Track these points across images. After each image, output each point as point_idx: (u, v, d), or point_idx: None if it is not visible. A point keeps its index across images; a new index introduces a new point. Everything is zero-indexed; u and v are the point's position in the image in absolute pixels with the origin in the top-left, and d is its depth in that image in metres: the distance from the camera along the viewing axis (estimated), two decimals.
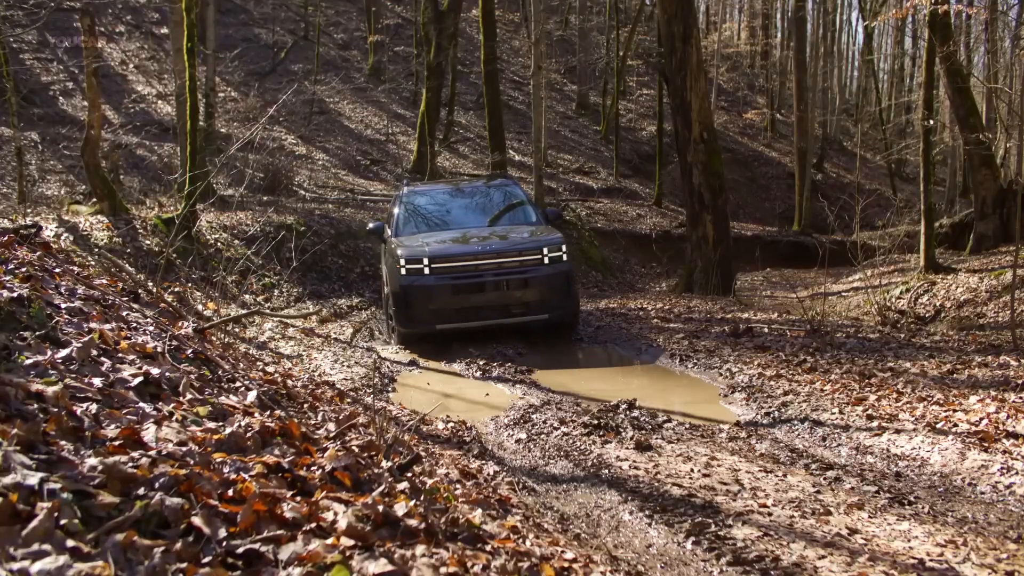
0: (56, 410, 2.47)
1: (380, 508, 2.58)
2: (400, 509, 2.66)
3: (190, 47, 11.63)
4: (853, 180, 29.10)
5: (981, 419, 5.78)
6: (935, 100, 19.61)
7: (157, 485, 2.23)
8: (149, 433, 2.63)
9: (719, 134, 20.65)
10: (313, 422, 4.05)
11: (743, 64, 43.49)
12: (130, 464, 2.29)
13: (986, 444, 5.33)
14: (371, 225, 11.31)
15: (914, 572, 3.31)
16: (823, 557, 3.48)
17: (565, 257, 9.72)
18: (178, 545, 2.00)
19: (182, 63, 12.43)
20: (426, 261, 9.41)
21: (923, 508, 4.38)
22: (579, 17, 33.77)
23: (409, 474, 3.40)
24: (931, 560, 3.47)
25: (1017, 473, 4.85)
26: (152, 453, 2.43)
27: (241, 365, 5.03)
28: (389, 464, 3.38)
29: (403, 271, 9.40)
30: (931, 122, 15.31)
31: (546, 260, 9.52)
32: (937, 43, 14.53)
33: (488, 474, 4.52)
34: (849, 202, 18.68)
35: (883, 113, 34.17)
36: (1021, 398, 6.25)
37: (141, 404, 2.91)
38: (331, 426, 3.95)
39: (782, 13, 41.24)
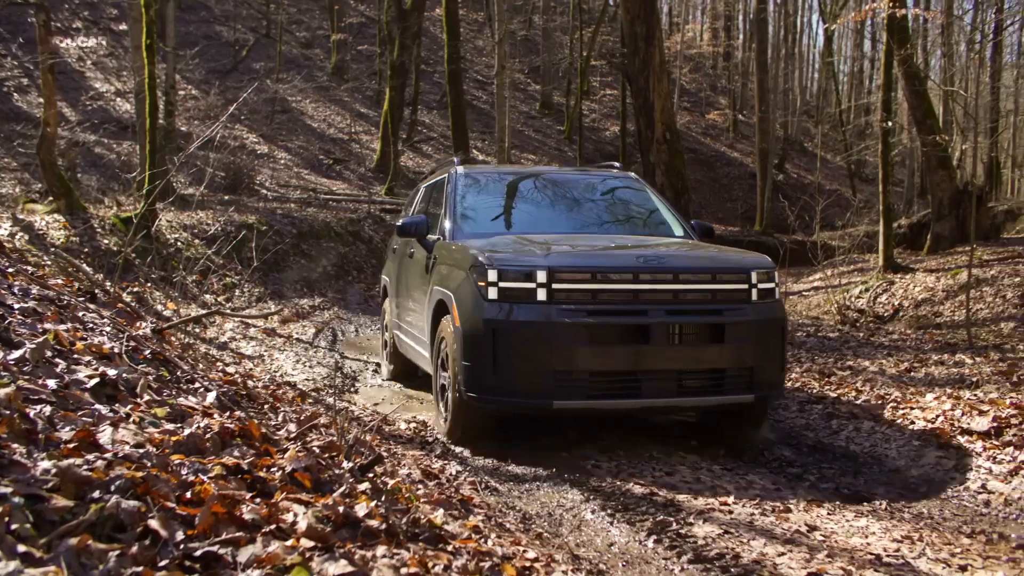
0: (8, 412, 2.42)
1: (341, 509, 2.57)
2: (361, 510, 2.65)
3: (149, 44, 11.47)
4: (814, 181, 29.42)
5: (937, 416, 5.87)
6: (893, 102, 19.85)
7: (113, 488, 2.19)
8: (105, 435, 2.59)
9: (682, 134, 20.80)
10: (274, 423, 4.02)
11: (706, 65, 43.80)
12: (85, 467, 2.25)
13: (942, 441, 5.42)
14: (404, 220, 6.79)
15: (871, 568, 3.35)
16: (783, 554, 3.52)
17: (778, 294, 5.75)
18: (134, 548, 1.98)
19: (141, 60, 12.27)
20: (542, 278, 5.10)
21: (880, 505, 4.44)
22: (543, 17, 33.81)
23: (371, 475, 3.38)
24: (888, 556, 3.52)
25: (971, 469, 4.93)
26: (108, 455, 2.40)
27: (201, 366, 4.97)
28: (350, 465, 3.35)
29: (490, 293, 5.17)
30: (889, 124, 15.51)
31: (754, 295, 5.45)
32: (895, 46, 14.74)
33: (450, 474, 4.52)
34: (810, 202, 18.91)
35: (843, 115, 34.58)
36: (976, 396, 6.35)
37: (97, 406, 2.86)
38: (292, 427, 3.91)
39: (744, 15, 41.64)
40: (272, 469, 2.87)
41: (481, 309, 5.17)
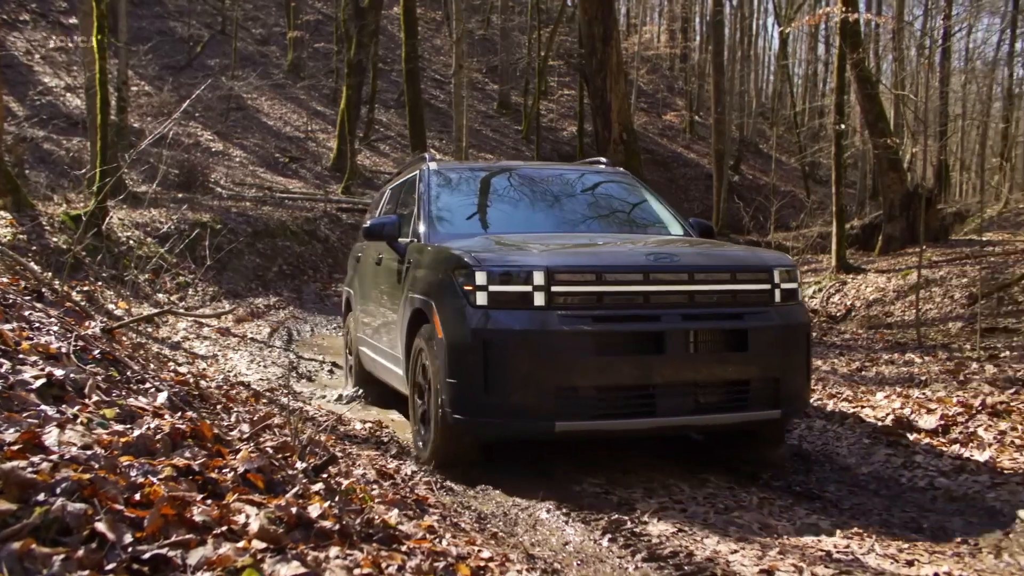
0: None
1: (294, 510, 2.54)
2: (314, 510, 2.63)
3: (100, 39, 11.27)
4: (769, 182, 29.78)
5: (887, 415, 5.97)
6: (846, 105, 20.18)
7: (58, 490, 2.15)
8: (51, 437, 2.54)
9: (639, 135, 20.95)
10: (226, 423, 3.97)
11: (663, 66, 44.13)
12: (30, 469, 2.20)
13: (891, 439, 5.51)
14: (371, 222, 6.07)
15: (821, 564, 3.40)
16: (735, 552, 3.55)
17: (800, 295, 5.34)
18: (80, 552, 1.94)
19: (92, 55, 12.05)
20: (540, 279, 4.48)
21: (831, 502, 4.51)
22: (501, 17, 33.84)
23: (325, 475, 3.36)
24: (838, 552, 3.57)
25: (919, 467, 5.03)
26: (54, 457, 2.35)
27: (152, 366, 4.90)
28: (304, 465, 3.33)
29: (478, 299, 4.54)
30: (842, 126, 15.75)
31: (777, 296, 4.88)
32: (848, 50, 14.96)
33: (406, 474, 4.50)
34: (764, 203, 19.15)
35: (797, 117, 35.03)
36: (924, 394, 6.47)
37: (43, 407, 2.81)
38: (245, 427, 3.87)
39: (701, 17, 42.01)
40: (224, 470, 2.84)
41: (468, 318, 4.50)
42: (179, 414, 3.42)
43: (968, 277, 11.95)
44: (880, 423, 5.85)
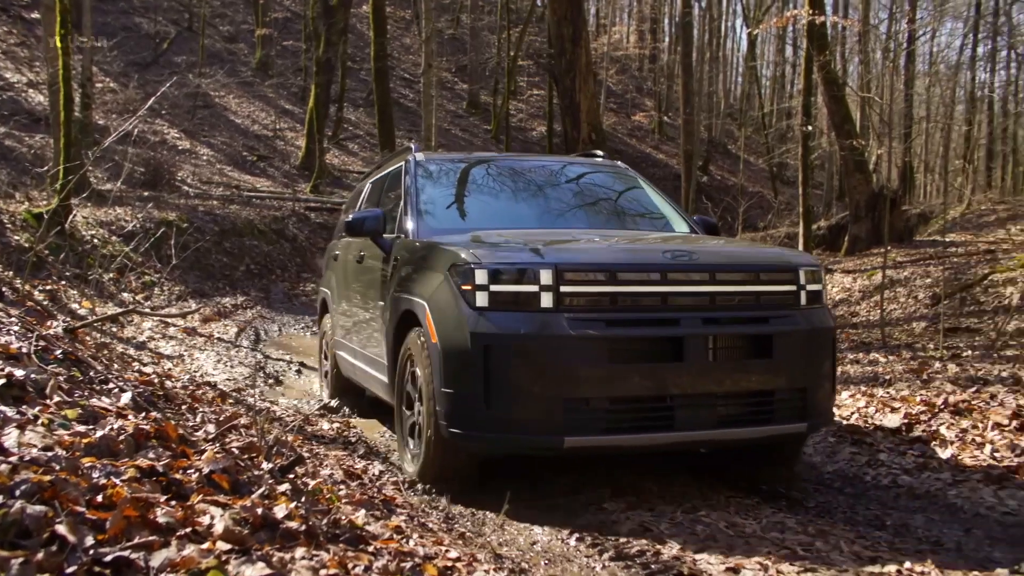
0: None
1: (259, 511, 2.53)
2: (280, 511, 2.61)
3: (63, 33, 11.12)
4: (737, 182, 30.02)
5: (852, 413, 6.04)
6: (813, 107, 20.37)
7: (18, 492, 2.12)
8: (10, 438, 2.50)
9: (608, 135, 21.03)
10: (192, 424, 3.93)
11: (632, 67, 44.31)
12: None
13: (856, 437, 5.57)
14: (354, 216, 5.57)
15: (787, 561, 3.43)
16: (702, 550, 3.57)
17: (826, 298, 4.93)
18: (39, 555, 1.91)
19: (55, 50, 11.87)
20: (547, 278, 4.10)
21: (797, 500, 4.55)
22: (470, 16, 33.81)
23: (291, 475, 3.34)
24: (803, 549, 3.60)
25: (883, 464, 5.09)
26: (13, 459, 2.32)
27: (116, 366, 4.84)
28: (270, 466, 3.30)
29: (478, 300, 4.15)
30: (809, 128, 15.91)
31: (803, 298, 4.54)
32: (815, 52, 15.13)
33: (373, 474, 4.48)
34: (733, 204, 19.31)
35: (765, 118, 35.33)
36: (888, 393, 6.55)
37: (2, 408, 2.77)
38: (211, 428, 3.84)
39: (670, 18, 42.26)
40: (189, 471, 2.81)
41: (467, 320, 4.09)
42: (143, 414, 3.39)
43: (932, 277, 12.11)
44: (845, 422, 5.91)
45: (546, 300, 4.06)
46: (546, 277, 4.07)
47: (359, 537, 2.71)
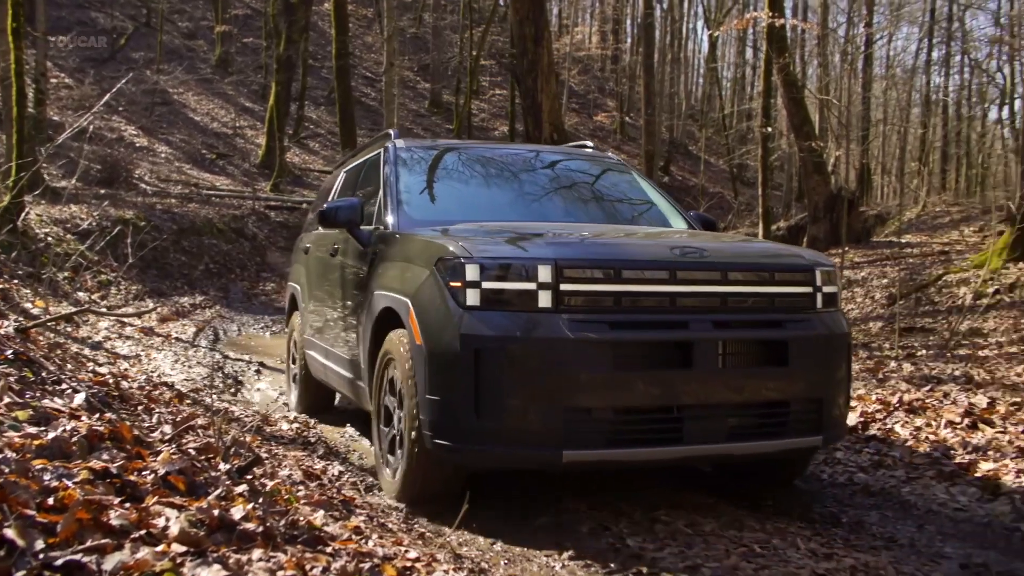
0: None
1: (216, 512, 2.50)
2: (237, 512, 2.58)
3: (16, 27, 10.92)
4: (698, 183, 30.26)
5: None
6: (773, 109, 20.58)
7: None
8: None
9: (570, 135, 21.07)
10: (148, 425, 3.88)
11: (594, 67, 44.47)
12: None
13: None
14: (328, 205, 5.12)
15: (745, 560, 3.46)
16: (661, 548, 3.59)
17: (840, 300, 4.59)
18: None
19: (7, 44, 11.66)
20: (546, 275, 3.76)
21: (755, 498, 4.59)
22: (433, 15, 33.74)
23: (249, 476, 3.30)
24: (760, 547, 3.64)
25: (839, 463, 5.16)
26: None
27: (69, 366, 4.77)
28: (228, 467, 3.27)
29: (469, 298, 3.79)
30: (769, 129, 16.07)
31: (819, 301, 4.22)
32: (774, 55, 15.28)
33: (333, 474, 4.45)
34: (693, 204, 19.46)
35: (726, 119, 35.65)
36: None
37: None
38: (167, 428, 3.79)
39: (632, 19, 42.51)
40: (144, 472, 2.77)
41: (456, 321, 3.73)
42: (97, 416, 3.33)
43: (888, 278, 12.30)
44: None
45: (544, 299, 3.71)
46: (544, 274, 3.72)
47: (317, 538, 2.68)
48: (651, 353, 3.85)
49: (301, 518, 2.84)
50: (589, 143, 6.56)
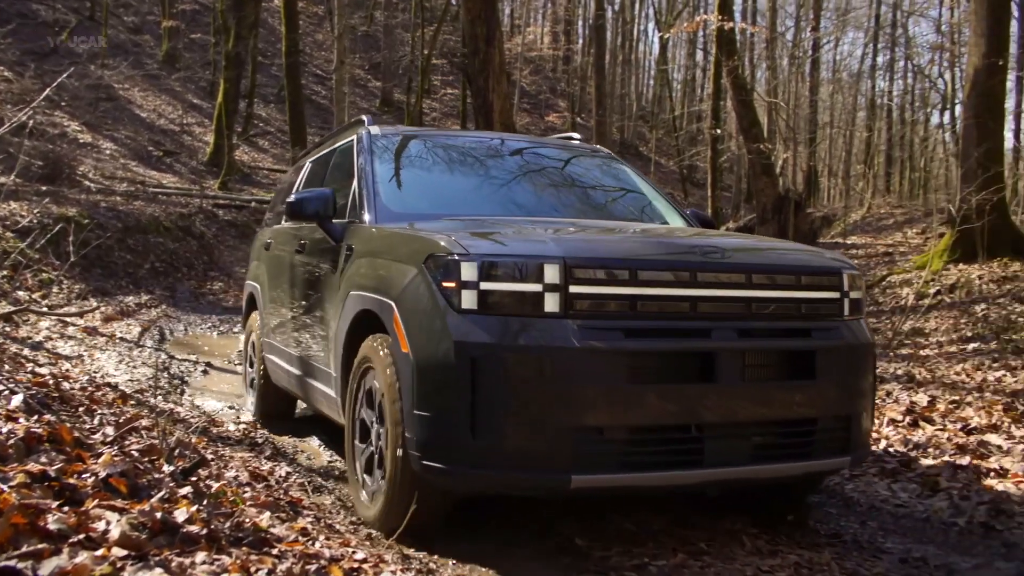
0: None
1: (159, 515, 2.46)
2: (181, 515, 2.55)
3: None
4: None
5: None
6: (722, 111, 20.85)
7: None
8: None
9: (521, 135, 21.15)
10: (89, 426, 3.80)
11: (546, 68, 44.61)
12: None
13: None
14: (297, 196, 4.62)
15: (691, 557, 3.50)
16: (608, 547, 3.61)
17: (864, 307, 4.18)
18: None
19: None
20: (553, 275, 3.31)
21: (703, 498, 4.63)
22: (384, 13, 33.59)
23: (194, 478, 3.25)
24: (706, 545, 3.68)
25: None
26: None
27: (7, 367, 4.65)
28: (172, 468, 3.22)
29: (464, 300, 3.34)
30: (719, 131, 16.29)
31: (846, 308, 3.84)
32: (724, 58, 15.49)
33: (280, 476, 4.41)
34: None
35: (676, 121, 35.96)
36: None
37: None
38: (109, 430, 3.72)
39: (584, 20, 42.68)
40: (84, 475, 2.72)
41: (450, 326, 3.29)
42: (36, 417, 3.26)
43: None
44: None
45: (551, 303, 3.27)
46: (552, 274, 3.27)
47: (263, 540, 2.65)
48: (670, 365, 3.43)
49: (247, 520, 2.80)
50: (576, 135, 6.22)
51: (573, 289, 3.28)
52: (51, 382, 4.58)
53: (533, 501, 4.22)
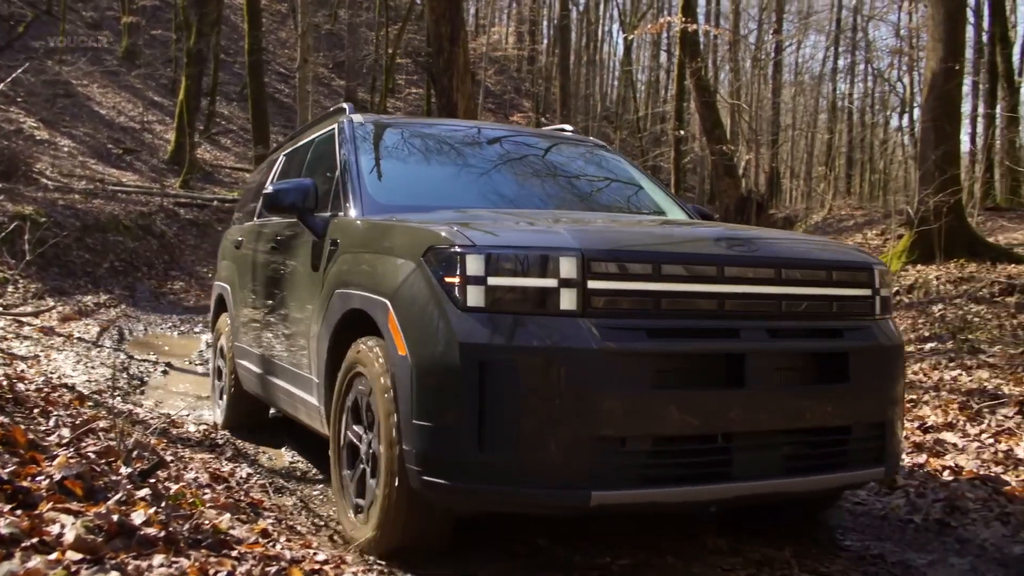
0: None
1: (115, 517, 2.43)
2: (138, 517, 2.51)
3: None
4: None
5: None
6: (686, 112, 21.01)
7: None
8: None
9: None
10: (44, 428, 3.74)
11: (510, 68, 44.64)
12: None
13: None
14: (276, 187, 4.23)
15: (655, 556, 3.52)
16: (572, 549, 3.62)
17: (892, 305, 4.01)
18: None
19: None
20: (569, 269, 2.93)
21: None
22: (348, 12, 33.38)
23: (152, 480, 3.21)
24: (669, 544, 3.70)
25: None
26: None
27: None
28: (129, 470, 3.17)
29: (470, 297, 2.94)
30: (682, 132, 16.41)
31: (878, 306, 3.55)
32: (687, 59, 15.60)
33: (241, 477, 4.36)
34: None
35: (640, 121, 36.16)
36: None
37: None
38: (65, 432, 3.66)
39: (548, 21, 42.83)
40: (38, 478, 2.67)
41: (454, 326, 2.94)
42: None
43: None
44: None
45: (567, 300, 2.93)
46: (568, 268, 2.93)
47: (222, 542, 2.63)
48: (697, 368, 3.11)
49: (206, 522, 2.77)
50: (568, 127, 5.92)
51: (592, 284, 2.95)
52: (5, 383, 4.50)
53: None
